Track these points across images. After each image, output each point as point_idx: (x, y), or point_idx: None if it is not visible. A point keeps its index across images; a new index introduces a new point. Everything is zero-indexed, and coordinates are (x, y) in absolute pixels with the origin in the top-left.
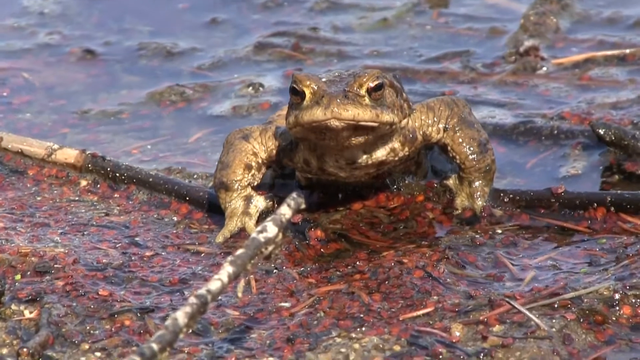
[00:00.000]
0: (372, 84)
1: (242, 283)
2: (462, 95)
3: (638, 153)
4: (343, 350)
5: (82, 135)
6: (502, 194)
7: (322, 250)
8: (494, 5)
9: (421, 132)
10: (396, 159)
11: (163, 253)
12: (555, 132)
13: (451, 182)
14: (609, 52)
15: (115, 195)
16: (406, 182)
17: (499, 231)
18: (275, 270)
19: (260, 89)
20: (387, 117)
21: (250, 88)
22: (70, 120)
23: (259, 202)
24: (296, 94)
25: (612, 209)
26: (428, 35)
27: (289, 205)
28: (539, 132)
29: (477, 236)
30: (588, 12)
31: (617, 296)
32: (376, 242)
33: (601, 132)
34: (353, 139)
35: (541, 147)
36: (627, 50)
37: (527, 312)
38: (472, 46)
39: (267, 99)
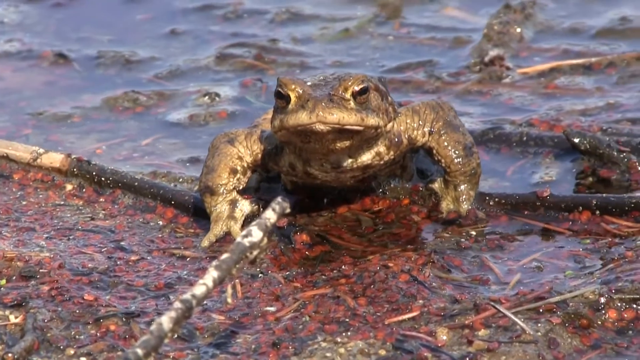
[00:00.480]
0: (357, 88)
1: (229, 288)
2: None
3: (613, 161)
4: (328, 354)
5: (42, 136)
6: (487, 198)
7: (307, 253)
8: (454, 17)
9: (406, 136)
10: (381, 162)
11: (148, 257)
12: (525, 138)
13: (437, 185)
14: (575, 61)
15: (101, 200)
16: (392, 185)
17: (483, 231)
18: (260, 275)
19: (217, 98)
20: (372, 120)
21: (207, 97)
22: (29, 122)
23: (245, 206)
24: (281, 98)
25: (598, 212)
26: (390, 45)
27: (274, 210)
28: (509, 138)
29: (462, 240)
30: (550, 22)
31: (602, 300)
32: (361, 246)
33: (576, 140)
34: (338, 142)
35: (513, 154)
36: (593, 59)
37: (512, 316)
38: (436, 56)
39: (223, 108)
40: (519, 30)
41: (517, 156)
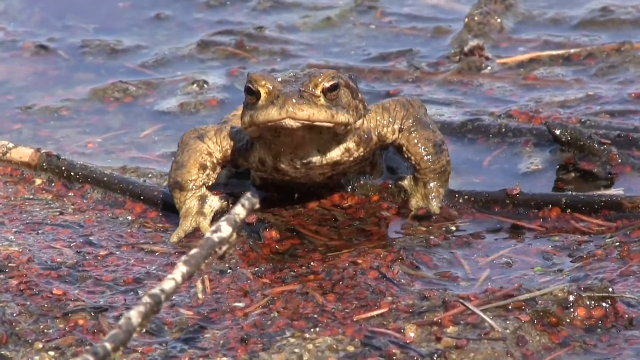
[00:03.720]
0: (327, 84)
1: (200, 284)
2: (407, 94)
3: (594, 153)
4: (297, 350)
5: (34, 131)
6: (457, 195)
7: (277, 246)
8: (436, 6)
9: (376, 133)
10: (351, 159)
11: (117, 252)
12: (504, 129)
13: (406, 183)
14: (554, 52)
15: (70, 194)
16: (361, 182)
17: (453, 228)
18: (229, 270)
19: (205, 86)
20: (342, 117)
21: (195, 85)
22: (18, 116)
23: (214, 202)
24: (251, 94)
25: (568, 210)
26: (372, 34)
27: (243, 205)
28: (487, 129)
29: (431, 237)
30: (531, 12)
31: (571, 298)
32: (330, 242)
33: (557, 132)
34: (308, 137)
35: (491, 145)
36: (572, 50)
37: (481, 314)
38: (417, 45)
39: (213, 96)
40: (499, 20)
41: (496, 147)
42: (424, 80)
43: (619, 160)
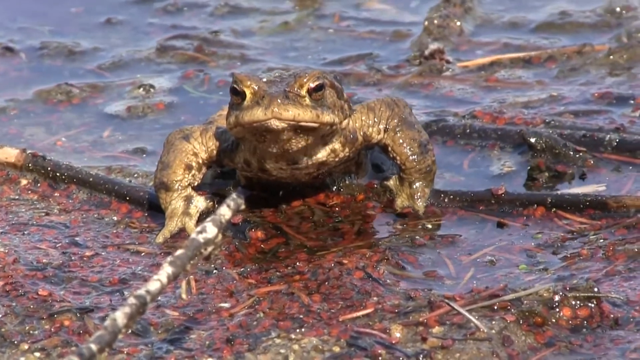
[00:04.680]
0: (312, 85)
1: (184, 284)
2: (367, 97)
3: (569, 160)
4: (282, 351)
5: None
6: (442, 195)
7: (262, 246)
8: (384, 11)
9: (362, 133)
10: (337, 159)
11: (103, 253)
12: (468, 130)
13: (392, 182)
14: (515, 55)
15: (56, 194)
16: (346, 182)
17: (434, 226)
18: (215, 271)
19: (151, 90)
20: (327, 117)
21: (141, 89)
22: None
23: (199, 203)
24: (237, 94)
25: (553, 210)
26: (331, 38)
27: (228, 206)
28: (452, 130)
29: (417, 237)
30: (490, 15)
31: (557, 298)
32: (315, 242)
33: (532, 140)
34: (294, 140)
35: (456, 146)
36: (533, 53)
37: (466, 314)
38: (376, 49)
39: (160, 99)
40: (459, 23)
41: (463, 149)
42: (385, 82)
43: (594, 165)
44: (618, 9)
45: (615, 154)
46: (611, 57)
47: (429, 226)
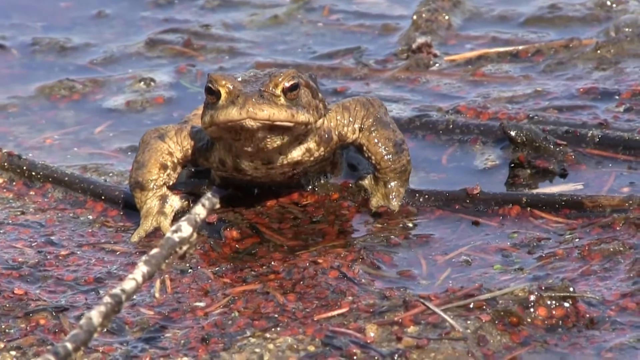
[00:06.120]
0: (287, 84)
1: (158, 283)
2: (355, 91)
3: (549, 154)
4: (257, 350)
5: None
6: (417, 194)
7: (237, 245)
8: (376, 4)
9: (337, 132)
10: (312, 159)
11: (78, 252)
12: (451, 126)
13: (367, 182)
14: (502, 49)
15: (31, 193)
16: (321, 181)
17: (410, 225)
18: (190, 270)
19: (152, 83)
20: (302, 117)
21: (142, 83)
22: None
23: (175, 202)
24: (212, 94)
25: (528, 209)
26: (320, 32)
27: (203, 205)
28: (435, 126)
29: (392, 236)
30: (479, 9)
31: (532, 297)
32: (290, 242)
33: (513, 133)
34: (269, 139)
35: (438, 141)
36: (520, 47)
37: (441, 313)
38: (364, 43)
39: (160, 94)
40: (447, 17)
41: (446, 144)
42: (372, 77)
43: (575, 161)
44: (609, 3)
45: (597, 150)
46: (598, 51)
47: (405, 225)
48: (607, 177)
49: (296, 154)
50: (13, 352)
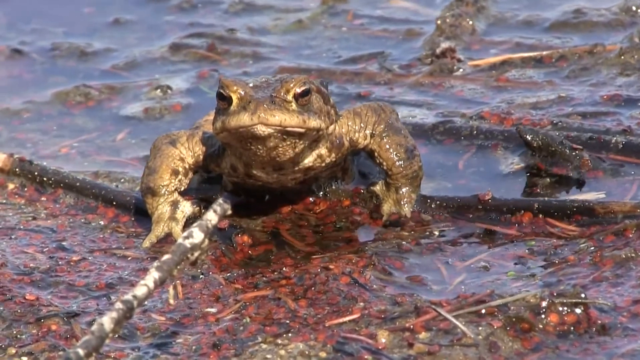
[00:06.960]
0: (299, 90)
1: (171, 290)
2: (379, 96)
3: (565, 159)
4: (269, 356)
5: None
6: (429, 200)
7: (250, 252)
8: (405, 9)
9: (348, 138)
10: (323, 165)
11: (90, 257)
12: (475, 132)
13: (378, 188)
14: (526, 54)
15: (43, 199)
16: (333, 187)
17: (426, 233)
18: (201, 276)
19: (169, 91)
20: (314, 122)
21: (159, 90)
22: None
23: (186, 208)
24: (223, 99)
25: (540, 215)
26: (344, 36)
27: (215, 211)
28: (459, 131)
29: (403, 242)
30: (504, 14)
31: (544, 304)
32: (302, 247)
33: (529, 138)
34: (281, 149)
35: (461, 148)
36: (544, 52)
37: (453, 319)
38: (388, 48)
39: (177, 101)
40: (471, 22)
41: (468, 150)
42: (396, 82)
43: (591, 166)
44: (634, 8)
45: (621, 156)
46: (622, 57)
47: (417, 232)
48: (629, 185)
49: (308, 160)
50: (25, 358)
